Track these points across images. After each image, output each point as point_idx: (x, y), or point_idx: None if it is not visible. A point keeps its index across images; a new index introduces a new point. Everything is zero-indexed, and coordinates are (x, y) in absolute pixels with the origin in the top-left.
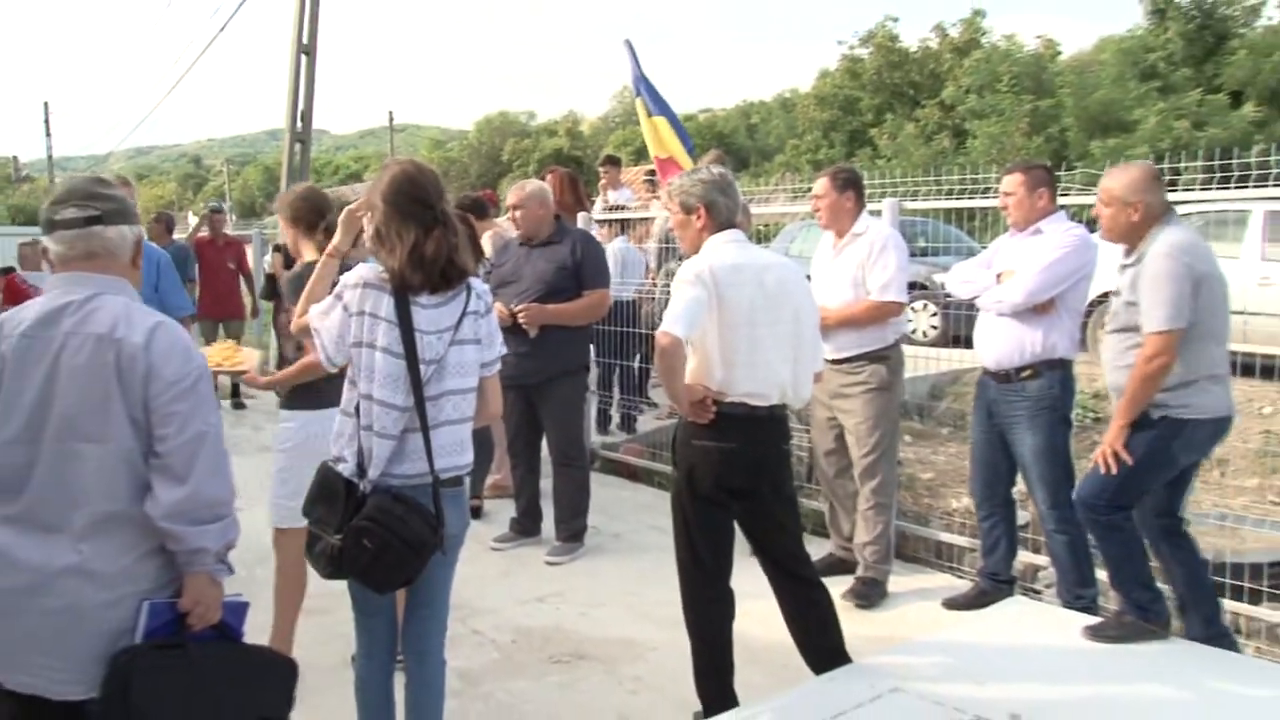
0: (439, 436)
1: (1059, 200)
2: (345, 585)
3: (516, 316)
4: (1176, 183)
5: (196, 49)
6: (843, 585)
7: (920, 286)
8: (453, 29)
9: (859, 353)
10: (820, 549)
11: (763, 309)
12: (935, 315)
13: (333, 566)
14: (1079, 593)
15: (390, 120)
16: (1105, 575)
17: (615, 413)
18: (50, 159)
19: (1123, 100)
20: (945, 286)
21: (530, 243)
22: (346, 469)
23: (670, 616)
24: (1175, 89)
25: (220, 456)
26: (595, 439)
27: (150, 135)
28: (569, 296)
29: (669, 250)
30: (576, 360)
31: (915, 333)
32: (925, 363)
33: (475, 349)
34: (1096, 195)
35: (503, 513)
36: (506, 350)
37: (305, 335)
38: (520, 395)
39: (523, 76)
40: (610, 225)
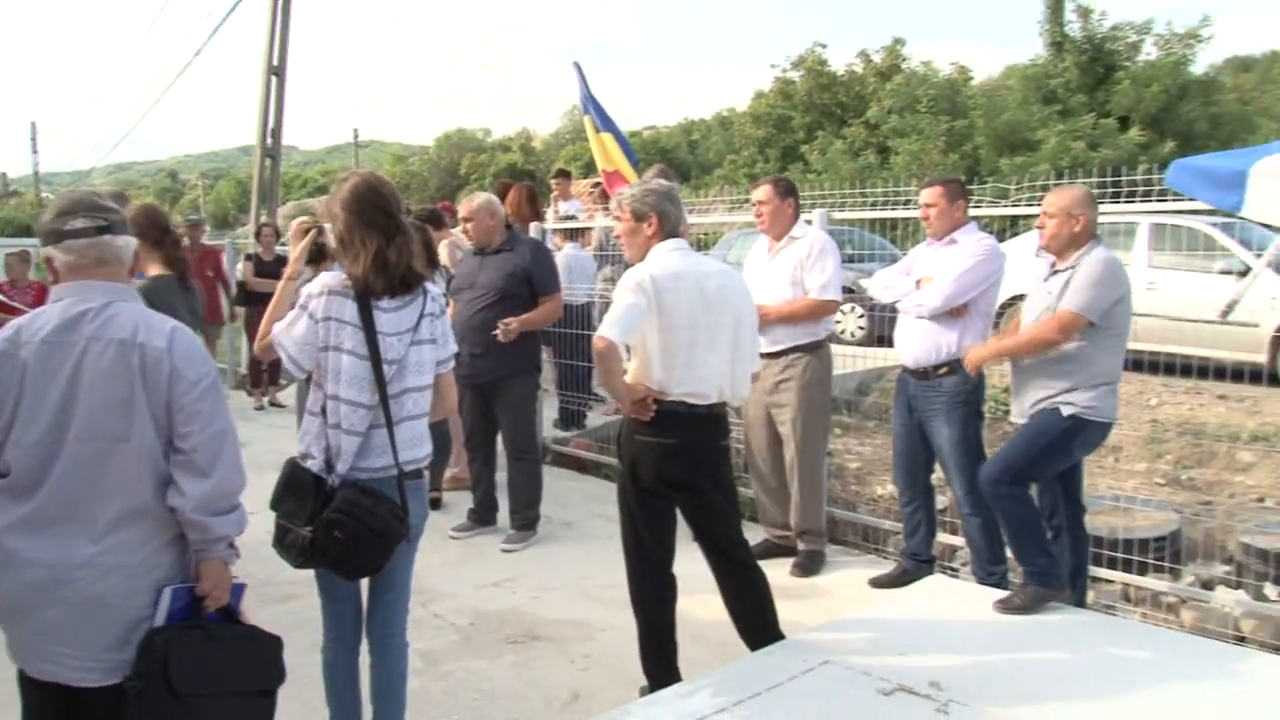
0: (401, 431)
1: (972, 211)
2: (312, 573)
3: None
4: None
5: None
6: (779, 567)
7: (848, 290)
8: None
9: (793, 345)
10: (756, 535)
11: (703, 313)
12: (862, 317)
13: (304, 557)
14: (991, 570)
15: (355, 137)
16: (1012, 553)
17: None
18: (36, 175)
19: (1027, 122)
20: (869, 291)
21: (484, 251)
22: (315, 465)
23: (618, 599)
24: (1072, 113)
25: (237, 451)
26: (547, 433)
27: (130, 152)
28: (522, 301)
29: (605, 257)
30: (529, 360)
31: (844, 333)
32: (853, 361)
33: (432, 348)
34: (1040, 210)
35: (461, 504)
36: (458, 349)
37: (270, 353)
38: (476, 393)
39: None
40: (562, 234)
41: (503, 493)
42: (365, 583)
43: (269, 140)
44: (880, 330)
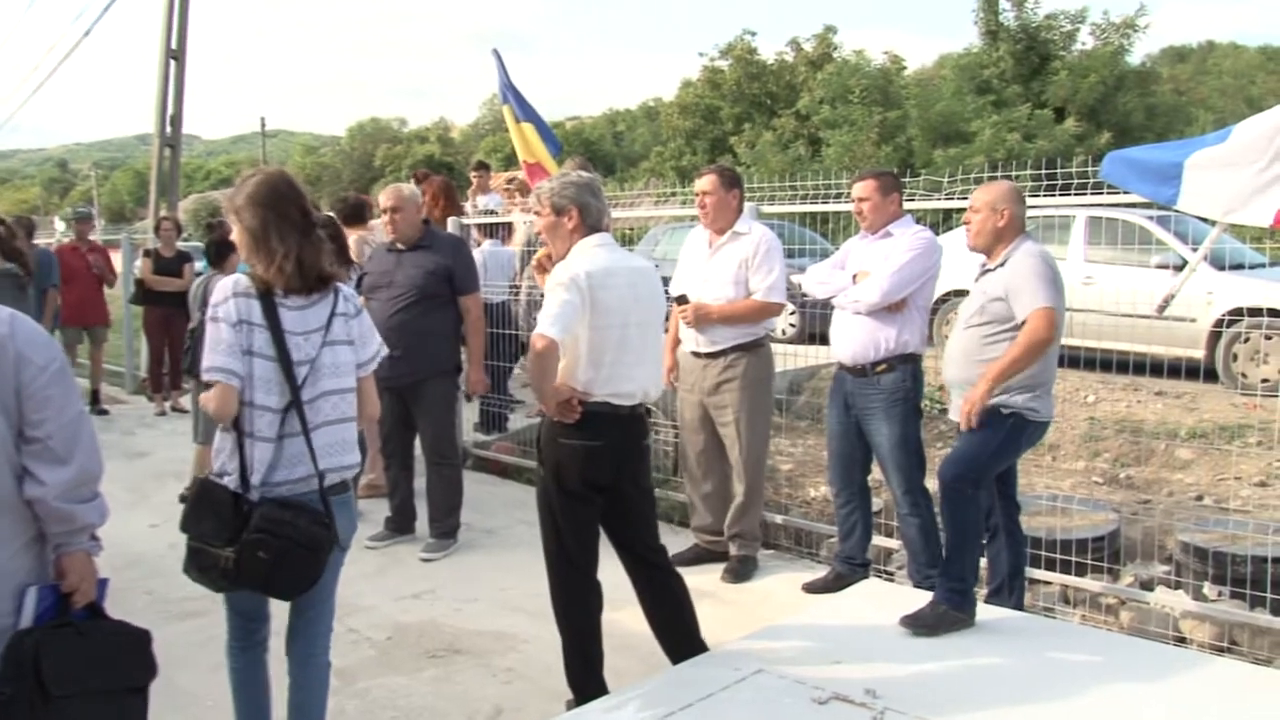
0: (320, 437)
1: (905, 205)
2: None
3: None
4: None
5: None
6: (710, 573)
7: None
8: (326, 35)
9: (733, 344)
10: (685, 541)
11: (634, 311)
12: (794, 314)
13: (227, 580)
14: (928, 573)
15: (263, 126)
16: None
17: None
18: None
19: (962, 113)
20: (802, 287)
21: (401, 247)
22: (231, 481)
23: (542, 609)
24: (1007, 104)
25: (94, 435)
26: (467, 437)
27: (12, 139)
28: (442, 300)
29: (532, 254)
30: (447, 361)
31: (775, 330)
32: (784, 359)
33: (349, 350)
34: (967, 204)
35: (377, 512)
36: (386, 351)
37: (227, 408)
38: (394, 396)
39: (394, 83)
40: (481, 229)
41: (421, 500)
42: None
43: (168, 128)
44: (812, 327)
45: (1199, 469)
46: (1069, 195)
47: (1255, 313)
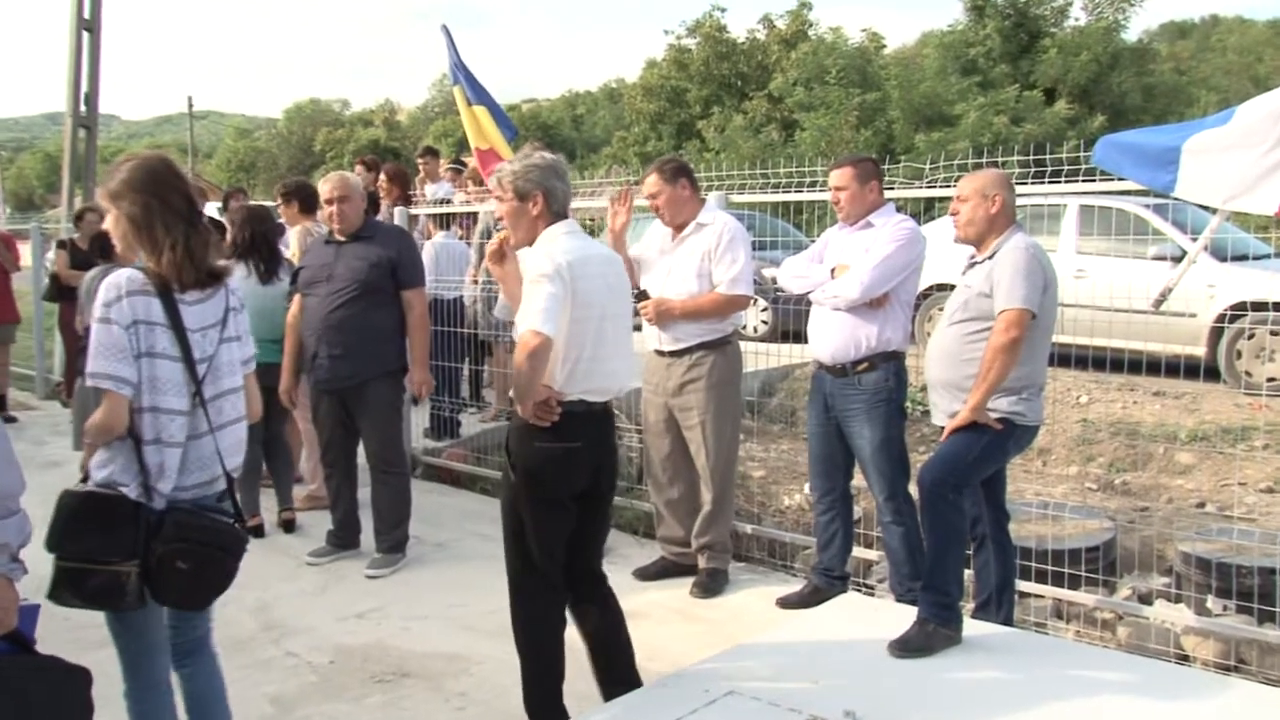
0: (224, 438)
1: (885, 193)
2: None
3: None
4: None
5: None
6: (677, 588)
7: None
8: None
9: (698, 343)
10: (650, 553)
11: (610, 302)
12: (765, 310)
13: (132, 598)
14: (911, 585)
15: (190, 106)
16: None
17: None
18: None
19: (945, 95)
20: (776, 281)
21: (341, 239)
22: (131, 492)
23: (497, 627)
24: (994, 84)
25: (10, 448)
26: (415, 444)
27: None
28: (386, 295)
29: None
30: (393, 361)
31: (745, 328)
32: (756, 358)
33: (239, 346)
34: (953, 193)
35: (318, 526)
36: (315, 349)
37: (105, 433)
38: (335, 399)
39: (336, 62)
40: (432, 220)
41: (366, 511)
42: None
43: (82, 107)
44: (786, 324)
45: (1200, 474)
46: (1059, 182)
47: (1260, 307)
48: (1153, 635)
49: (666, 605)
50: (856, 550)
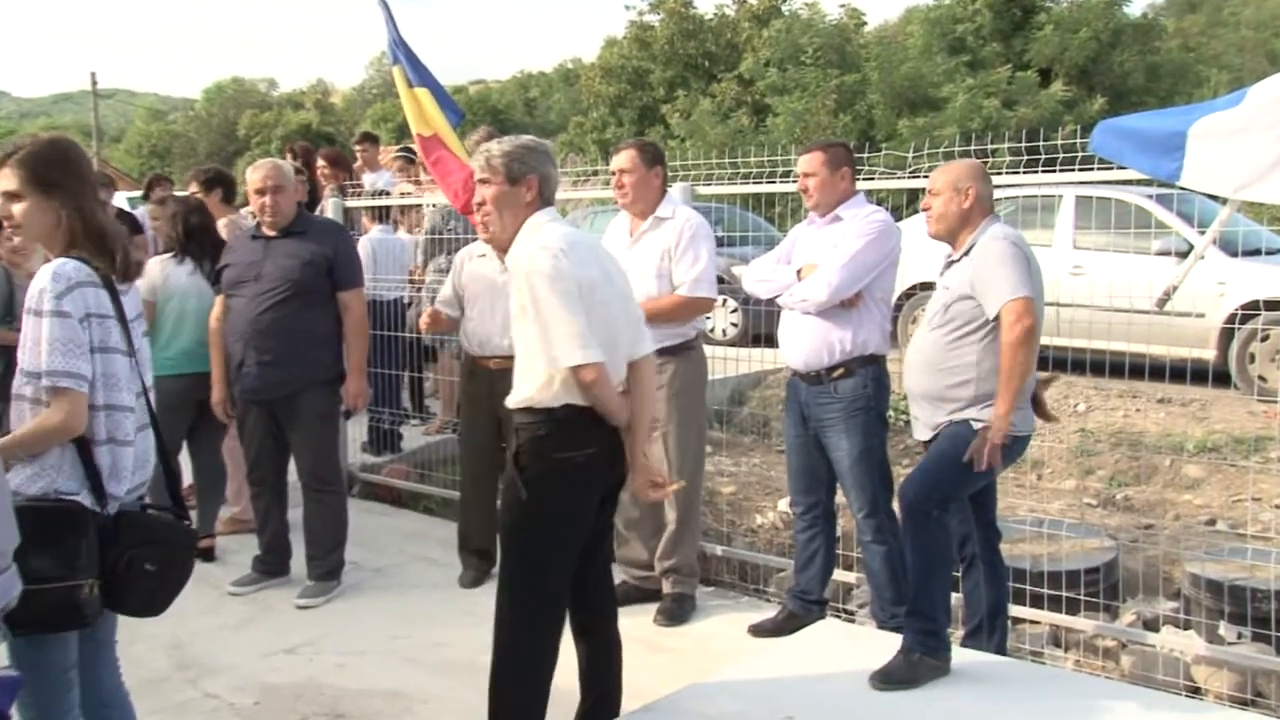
0: (150, 437)
1: (864, 184)
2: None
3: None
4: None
5: None
6: (640, 615)
7: (720, 281)
8: None
9: (658, 348)
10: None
11: (606, 287)
12: (735, 312)
13: (90, 612)
14: (895, 611)
15: (94, 83)
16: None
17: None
18: None
19: (931, 76)
20: (743, 285)
21: (270, 234)
22: (85, 499)
23: (444, 661)
24: (984, 65)
25: (6, 501)
26: (353, 459)
27: None
28: (320, 296)
29: (439, 243)
30: (328, 369)
31: (713, 331)
32: (725, 364)
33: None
34: (925, 189)
35: (243, 550)
36: (239, 355)
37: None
38: (263, 411)
39: (262, 37)
40: (369, 213)
41: (297, 534)
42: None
43: None
44: (757, 327)
45: (1210, 488)
46: (1055, 171)
47: (1274, 306)
48: (1160, 665)
49: (628, 634)
50: (836, 573)
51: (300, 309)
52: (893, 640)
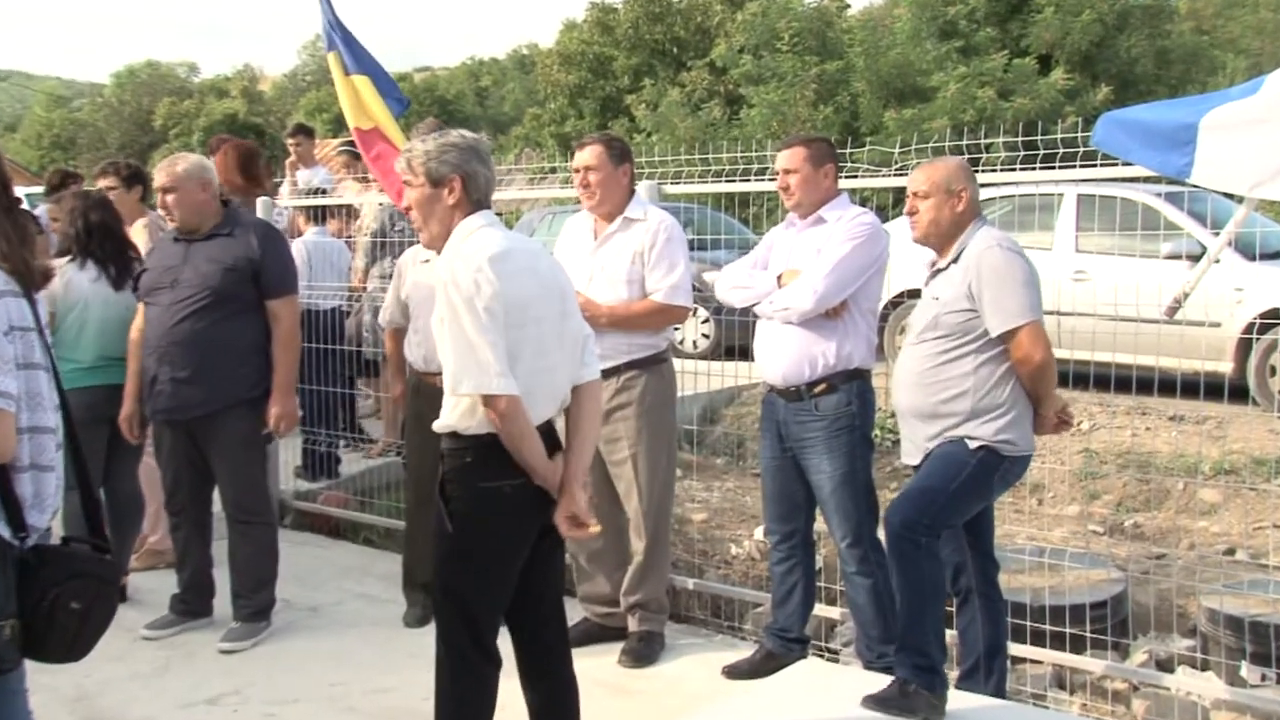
0: (61, 458)
1: (847, 182)
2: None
3: None
4: (978, 162)
5: None
6: (604, 655)
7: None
8: None
9: (628, 360)
10: (572, 614)
11: (542, 302)
12: (706, 322)
13: (11, 656)
14: (883, 650)
15: None
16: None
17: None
18: None
19: (920, 63)
20: (715, 292)
21: (190, 236)
22: (2, 531)
23: (386, 709)
24: (978, 51)
25: None
26: (285, 486)
27: None
28: (245, 304)
29: (383, 245)
30: (252, 386)
31: (683, 343)
32: (696, 379)
33: None
34: (909, 190)
35: (160, 589)
36: (154, 371)
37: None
38: (181, 433)
39: (180, 16)
40: (303, 213)
41: (221, 570)
42: None
43: None
44: (730, 339)
45: (1228, 515)
46: (1055, 168)
47: None
48: (1176, 709)
49: (591, 676)
50: (817, 608)
51: (221, 319)
52: (880, 682)
